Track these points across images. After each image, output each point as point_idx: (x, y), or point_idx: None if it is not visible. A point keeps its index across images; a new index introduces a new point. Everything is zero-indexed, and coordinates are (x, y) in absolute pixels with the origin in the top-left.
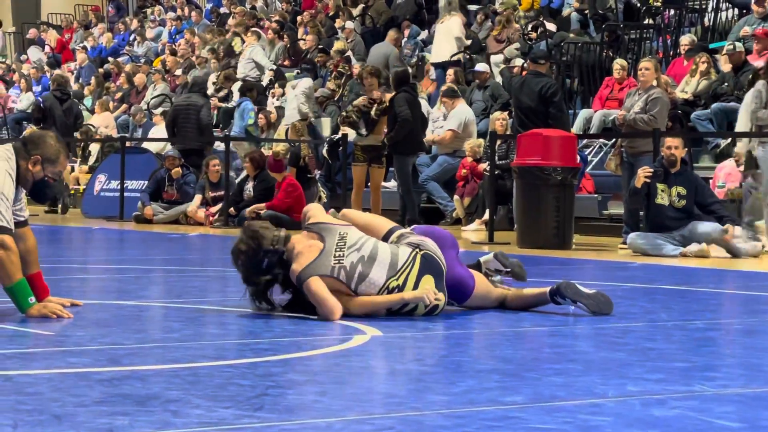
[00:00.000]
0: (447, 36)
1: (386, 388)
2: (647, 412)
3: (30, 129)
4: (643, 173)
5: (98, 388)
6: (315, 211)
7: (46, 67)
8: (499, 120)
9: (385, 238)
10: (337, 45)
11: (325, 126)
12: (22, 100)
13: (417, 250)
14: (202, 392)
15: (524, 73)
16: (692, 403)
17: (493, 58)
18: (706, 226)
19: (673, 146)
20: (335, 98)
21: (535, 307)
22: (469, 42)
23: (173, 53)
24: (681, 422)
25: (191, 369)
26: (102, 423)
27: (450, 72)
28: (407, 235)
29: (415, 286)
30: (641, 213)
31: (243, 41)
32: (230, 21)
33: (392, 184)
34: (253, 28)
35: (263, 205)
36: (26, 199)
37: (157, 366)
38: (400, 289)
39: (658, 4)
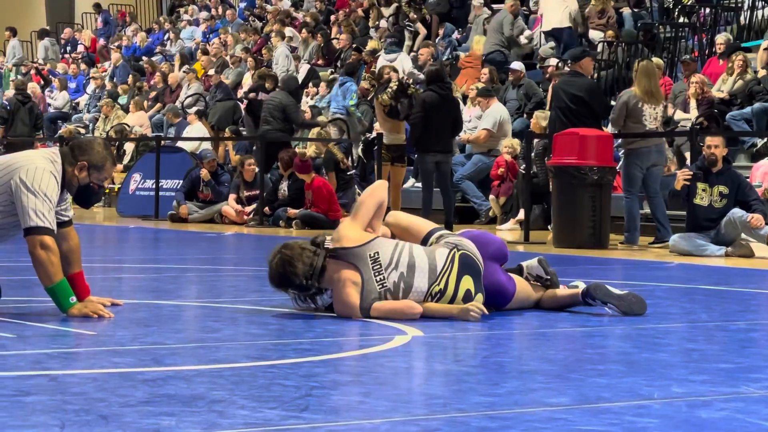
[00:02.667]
0: (557, 4)
1: (430, 388)
2: (694, 413)
3: (65, 128)
4: (682, 176)
5: (143, 388)
6: (342, 233)
7: (83, 65)
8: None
9: (425, 241)
10: (371, 44)
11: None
12: (57, 99)
13: (455, 250)
14: (246, 393)
15: (552, 76)
16: (739, 404)
17: (593, 33)
18: (735, 212)
19: (713, 145)
20: (368, 98)
21: (569, 307)
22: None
23: (205, 53)
24: (729, 424)
25: (234, 369)
26: (149, 423)
27: (485, 71)
28: (446, 236)
29: (456, 288)
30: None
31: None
32: (267, 27)
33: (409, 183)
34: (285, 28)
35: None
36: (70, 199)
37: (200, 366)
38: (442, 292)
39: (691, 2)
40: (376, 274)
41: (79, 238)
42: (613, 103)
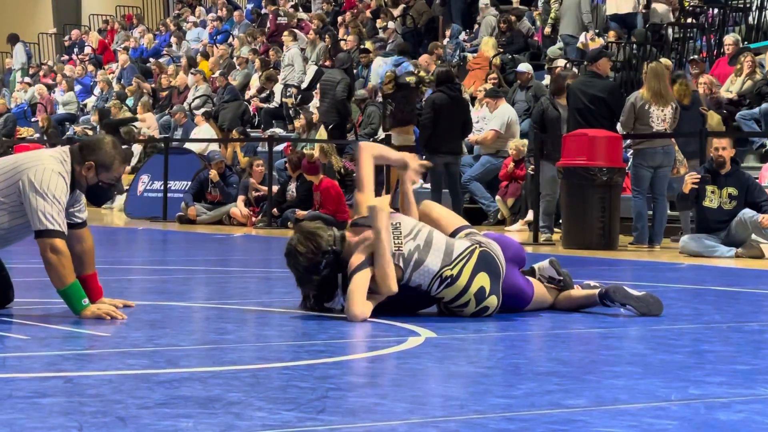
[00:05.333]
0: None
1: (446, 390)
2: (712, 415)
3: (79, 129)
4: (690, 179)
5: (159, 390)
6: (361, 202)
7: (90, 67)
8: None
9: (452, 236)
10: (367, 46)
11: None
12: (65, 101)
13: (477, 245)
14: (263, 394)
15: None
16: (757, 406)
17: (660, 8)
18: (745, 212)
19: (720, 147)
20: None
21: (584, 308)
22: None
23: (205, 56)
24: (749, 426)
25: (249, 371)
26: (166, 425)
27: (493, 76)
28: (474, 234)
29: (470, 280)
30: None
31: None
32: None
33: (417, 184)
34: (292, 29)
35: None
36: (84, 201)
37: (215, 368)
38: (454, 279)
39: (695, 3)
40: (395, 238)
41: (93, 239)
42: None
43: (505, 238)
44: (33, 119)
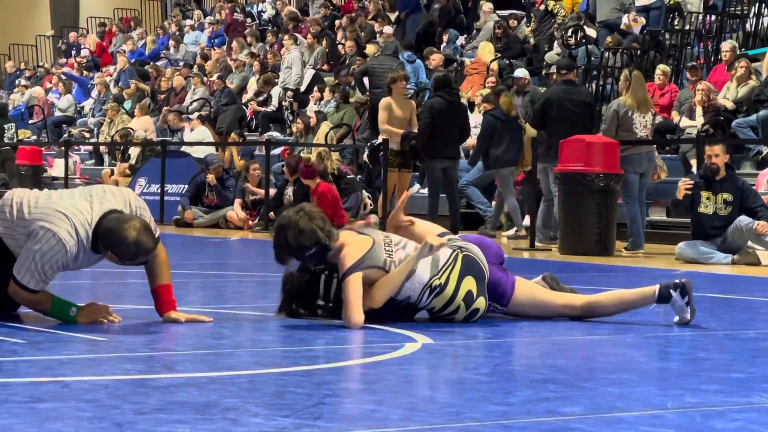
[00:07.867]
0: None
1: (443, 397)
2: (708, 424)
3: (76, 131)
4: (683, 185)
5: (155, 395)
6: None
7: (84, 71)
8: None
9: None
10: (370, 49)
11: None
12: (61, 103)
13: (458, 251)
14: (259, 400)
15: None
16: (753, 415)
17: None
18: (741, 219)
19: (713, 154)
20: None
21: (636, 308)
22: None
23: (204, 58)
24: None
25: (246, 376)
26: (163, 431)
27: (491, 79)
28: (453, 240)
29: (457, 287)
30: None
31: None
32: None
33: (414, 189)
34: (292, 33)
35: None
36: (151, 217)
37: (211, 373)
38: (442, 287)
39: (694, 10)
40: (387, 245)
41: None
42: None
43: (484, 239)
44: (30, 122)
